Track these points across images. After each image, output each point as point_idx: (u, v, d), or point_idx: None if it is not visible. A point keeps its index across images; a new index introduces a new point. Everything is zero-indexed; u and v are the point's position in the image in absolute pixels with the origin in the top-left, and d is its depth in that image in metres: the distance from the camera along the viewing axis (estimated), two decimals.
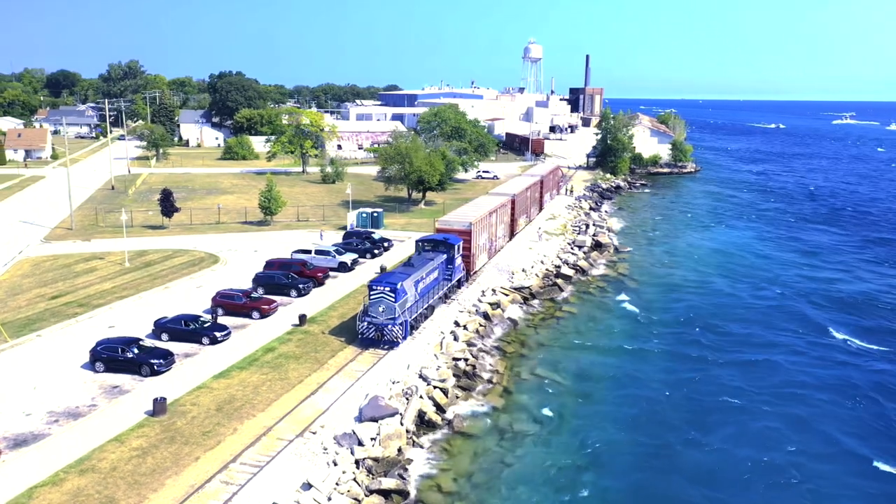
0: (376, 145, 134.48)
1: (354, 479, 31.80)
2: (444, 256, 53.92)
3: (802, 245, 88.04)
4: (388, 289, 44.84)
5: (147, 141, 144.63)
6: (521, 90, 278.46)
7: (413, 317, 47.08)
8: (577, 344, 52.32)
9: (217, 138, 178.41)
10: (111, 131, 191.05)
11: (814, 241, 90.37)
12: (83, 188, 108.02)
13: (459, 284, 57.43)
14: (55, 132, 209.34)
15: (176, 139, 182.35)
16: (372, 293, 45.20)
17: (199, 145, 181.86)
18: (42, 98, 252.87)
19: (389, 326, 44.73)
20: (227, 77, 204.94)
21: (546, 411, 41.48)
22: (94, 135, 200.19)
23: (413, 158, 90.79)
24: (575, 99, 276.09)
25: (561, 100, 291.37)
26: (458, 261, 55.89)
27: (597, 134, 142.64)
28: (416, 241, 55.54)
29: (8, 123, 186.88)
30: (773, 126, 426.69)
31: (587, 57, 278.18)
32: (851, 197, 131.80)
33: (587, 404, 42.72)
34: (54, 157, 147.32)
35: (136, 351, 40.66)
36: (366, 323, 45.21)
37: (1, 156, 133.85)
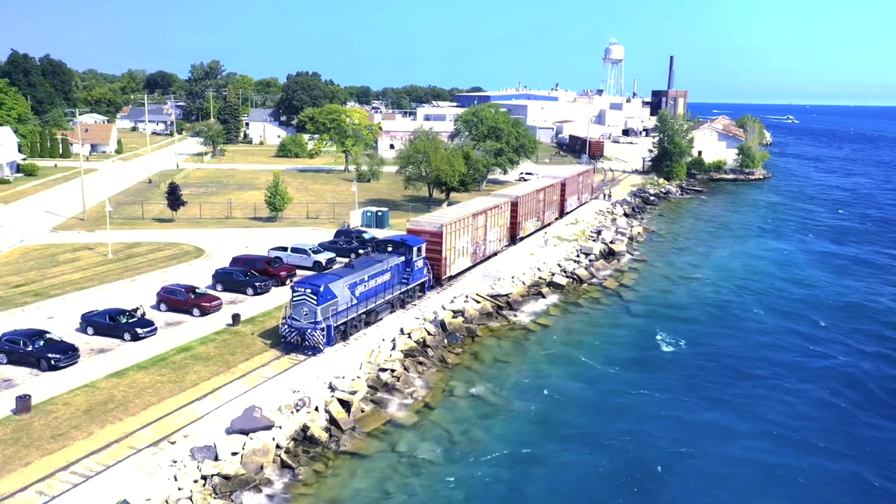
0: None
1: (190, 499, 28.85)
2: (402, 259, 50.27)
3: (860, 271, 73.68)
4: (309, 290, 41.74)
5: (205, 137, 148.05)
6: (600, 92, 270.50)
7: (342, 321, 43.71)
8: (537, 362, 47.12)
9: (279, 136, 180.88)
10: (184, 128, 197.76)
11: (880, 269, 75.15)
12: (123, 181, 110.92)
13: (424, 289, 53.62)
14: (133, 129, 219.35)
15: (241, 136, 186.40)
16: (294, 295, 42.26)
17: (261, 143, 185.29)
18: (132, 97, 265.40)
19: (310, 331, 41.60)
20: (298, 77, 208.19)
21: (461, 435, 36.95)
22: (168, 132, 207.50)
23: (431, 158, 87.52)
24: (657, 102, 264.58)
25: (644, 103, 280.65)
26: (420, 264, 52.07)
27: (654, 136, 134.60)
28: (375, 242, 52.35)
29: (90, 119, 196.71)
30: None
31: (671, 58, 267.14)
32: None
33: (515, 432, 37.47)
34: (118, 151, 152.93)
35: (40, 344, 39.36)
36: (287, 326, 42.31)
37: (66, 150, 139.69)
